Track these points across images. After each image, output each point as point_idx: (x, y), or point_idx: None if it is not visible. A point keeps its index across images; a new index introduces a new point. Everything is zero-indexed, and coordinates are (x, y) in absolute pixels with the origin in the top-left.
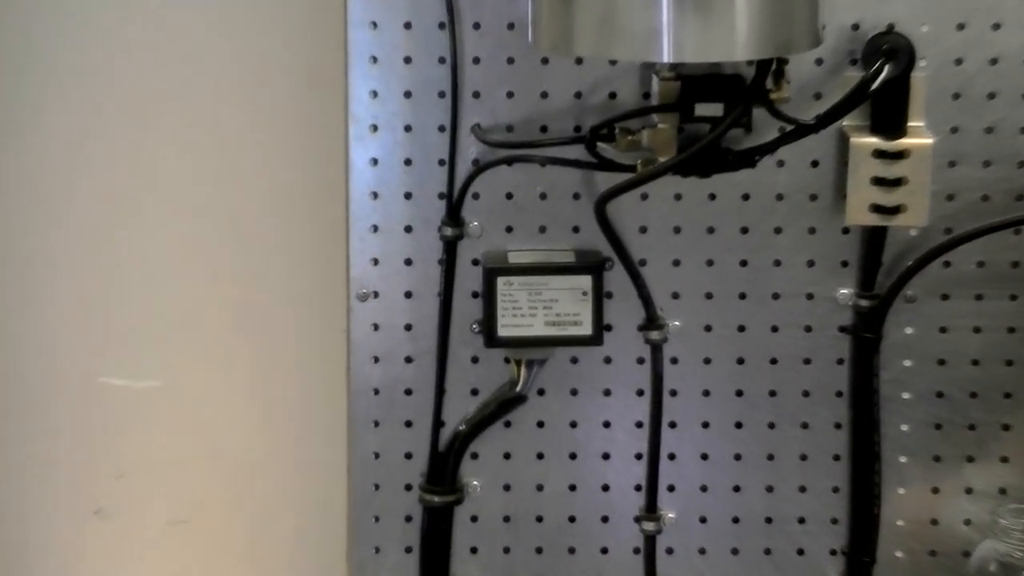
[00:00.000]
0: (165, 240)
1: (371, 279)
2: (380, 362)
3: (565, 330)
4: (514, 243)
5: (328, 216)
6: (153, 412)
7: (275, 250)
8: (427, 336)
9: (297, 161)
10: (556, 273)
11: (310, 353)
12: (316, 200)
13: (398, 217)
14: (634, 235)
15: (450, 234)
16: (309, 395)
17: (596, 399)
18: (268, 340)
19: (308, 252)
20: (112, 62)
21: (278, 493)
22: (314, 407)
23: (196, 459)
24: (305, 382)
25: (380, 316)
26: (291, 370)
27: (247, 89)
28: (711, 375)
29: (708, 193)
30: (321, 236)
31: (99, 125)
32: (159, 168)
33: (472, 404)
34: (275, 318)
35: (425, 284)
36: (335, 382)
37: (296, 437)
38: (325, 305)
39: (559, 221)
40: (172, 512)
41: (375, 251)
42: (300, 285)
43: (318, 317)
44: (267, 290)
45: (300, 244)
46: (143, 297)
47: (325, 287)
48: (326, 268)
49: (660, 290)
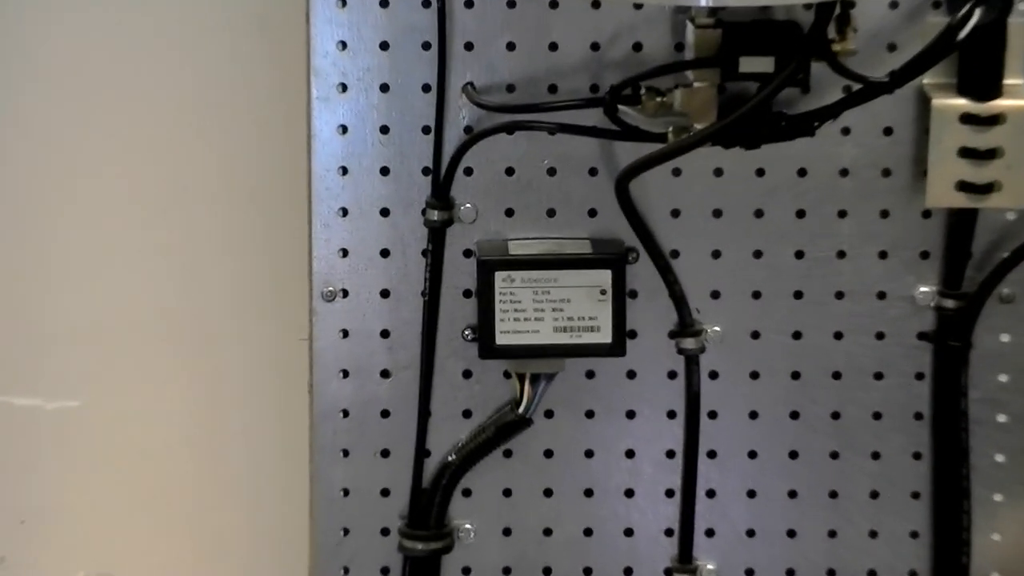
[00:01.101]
0: (82, 227)
1: (339, 274)
2: (350, 377)
3: (579, 337)
4: (516, 230)
5: (286, 197)
6: (68, 440)
7: (220, 239)
8: (408, 345)
9: (247, 129)
10: (568, 267)
11: (263, 367)
12: (271, 177)
13: (372, 198)
14: (664, 220)
15: (437, 219)
16: (262, 419)
17: (617, 422)
18: (211, 351)
19: (260, 242)
20: None
21: (224, 540)
22: (268, 433)
23: (121, 499)
24: (257, 403)
25: (350, 320)
26: (240, 388)
27: (184, 38)
28: (759, 393)
29: (756, 168)
30: (277, 222)
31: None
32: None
33: (464, 429)
34: (220, 324)
35: (406, 281)
36: (294, 402)
37: (246, 471)
38: (282, 307)
39: (571, 203)
40: (90, 565)
41: (344, 240)
42: (251, 283)
43: (273, 322)
44: (210, 289)
45: (251, 232)
46: (56, 298)
47: (282, 285)
48: (283, 261)
49: (696, 288)
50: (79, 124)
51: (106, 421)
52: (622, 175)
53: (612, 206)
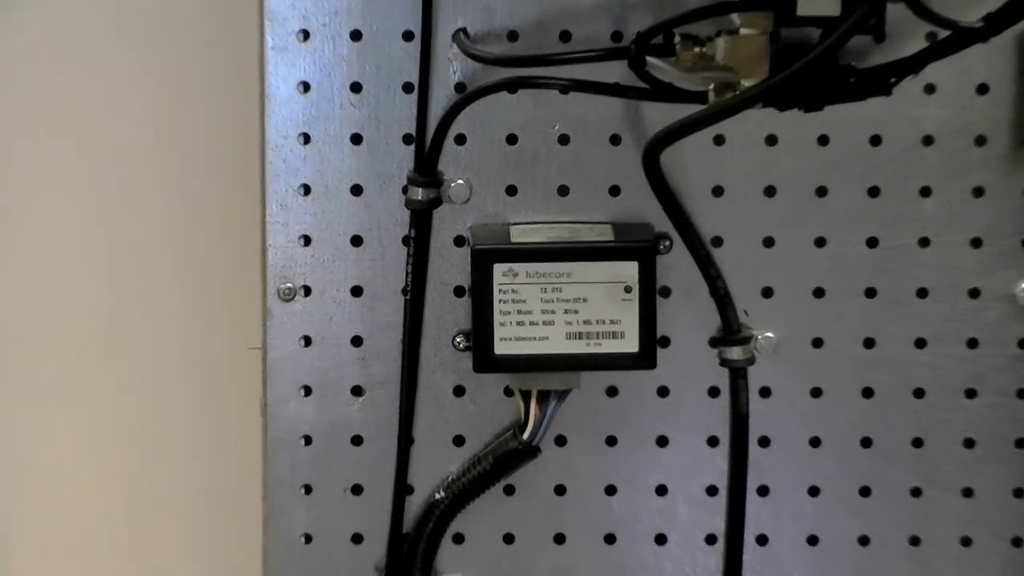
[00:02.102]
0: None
1: (299, 267)
2: (314, 395)
3: (598, 345)
4: (520, 212)
5: (234, 172)
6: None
7: (152, 223)
8: (386, 355)
9: (189, 85)
10: (584, 258)
11: (206, 382)
12: (216, 146)
13: (341, 172)
14: (705, 199)
15: (421, 198)
16: (204, 446)
17: (645, 451)
18: (142, 362)
19: (203, 227)
20: None
21: None
22: (212, 465)
23: (34, 544)
24: (198, 426)
25: (313, 324)
26: (178, 408)
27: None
28: (822, 414)
29: (817, 135)
30: (223, 202)
31: None
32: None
33: (455, 460)
34: (153, 328)
35: (383, 275)
36: (244, 426)
37: (188, 511)
38: (229, 309)
39: (589, 178)
40: None
41: (305, 224)
42: (191, 278)
43: (218, 327)
44: (141, 285)
45: (191, 215)
46: None
47: (229, 281)
48: (230, 252)
49: (744, 284)
50: None
51: (12, 452)
52: (652, 144)
53: (639, 182)
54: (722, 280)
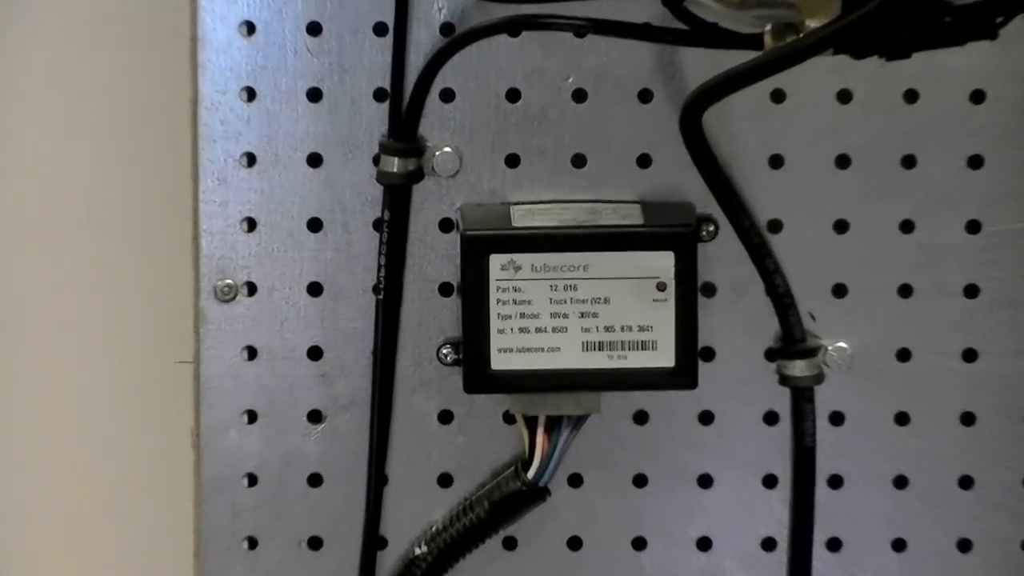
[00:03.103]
0: None
1: (241, 259)
2: (260, 422)
3: (623, 359)
4: (523, 188)
5: (158, 137)
6: None
7: (56, 202)
8: (352, 371)
9: (98, 26)
10: (606, 247)
11: (120, 404)
12: (134, 104)
13: (295, 137)
14: (760, 172)
15: (398, 170)
16: (117, 486)
17: (684, 494)
18: (43, 376)
19: (118, 208)
20: None
21: None
22: (128, 510)
23: None
24: (109, 461)
25: (259, 331)
26: (84, 436)
27: None
28: (910, 447)
29: (904, 90)
30: (144, 176)
31: None
32: None
33: (440, 505)
34: (55, 334)
35: (348, 269)
36: (170, 461)
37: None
38: (151, 311)
39: (611, 145)
40: None
41: (249, 204)
42: (101, 273)
43: (138, 334)
44: (33, 282)
45: (103, 192)
46: None
47: (151, 276)
48: (153, 239)
49: (809, 280)
50: None
51: None
52: (692, 101)
53: (676, 150)
54: (781, 275)
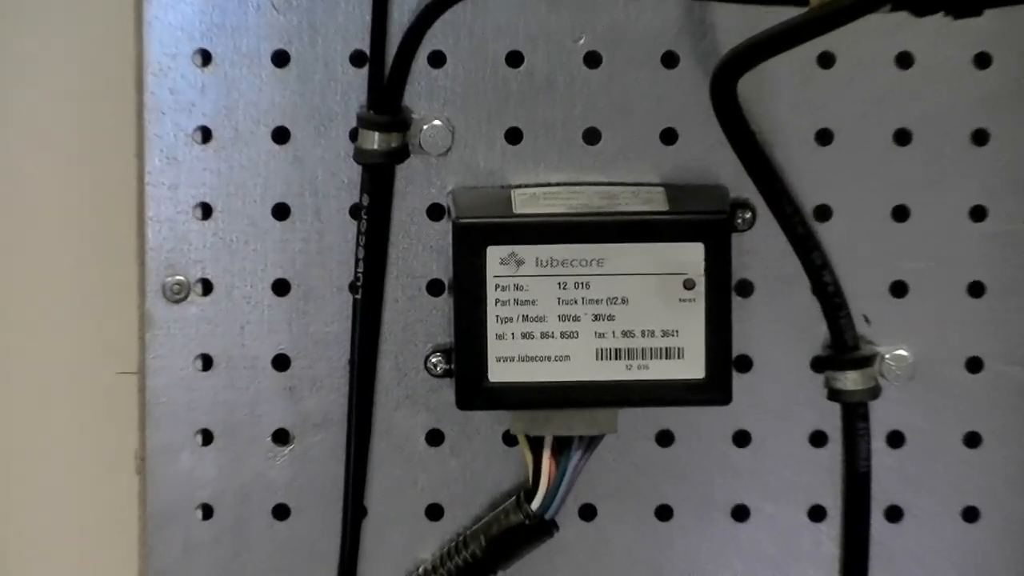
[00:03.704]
0: None
1: (194, 252)
2: (217, 444)
3: (644, 369)
4: (526, 168)
5: (96, 109)
6: None
7: None
8: (325, 383)
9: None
10: (624, 237)
11: (53, 422)
12: (71, 70)
13: (258, 108)
14: (805, 150)
15: (379, 147)
16: (52, 518)
17: (715, 527)
18: None
19: (53, 193)
20: None
21: None
22: (62, 545)
23: None
24: (39, 488)
25: (217, 338)
26: (7, 459)
27: None
28: (981, 472)
29: (973, 53)
30: (82, 154)
31: None
32: None
33: (429, 540)
34: None
35: (321, 263)
36: (110, 489)
37: None
38: (89, 313)
39: (631, 117)
40: None
41: (204, 187)
42: (32, 270)
43: (73, 340)
44: None
45: (34, 175)
46: None
47: (89, 272)
48: (91, 229)
49: (864, 276)
50: None
51: None
52: (725, 66)
53: (707, 123)
54: (831, 271)
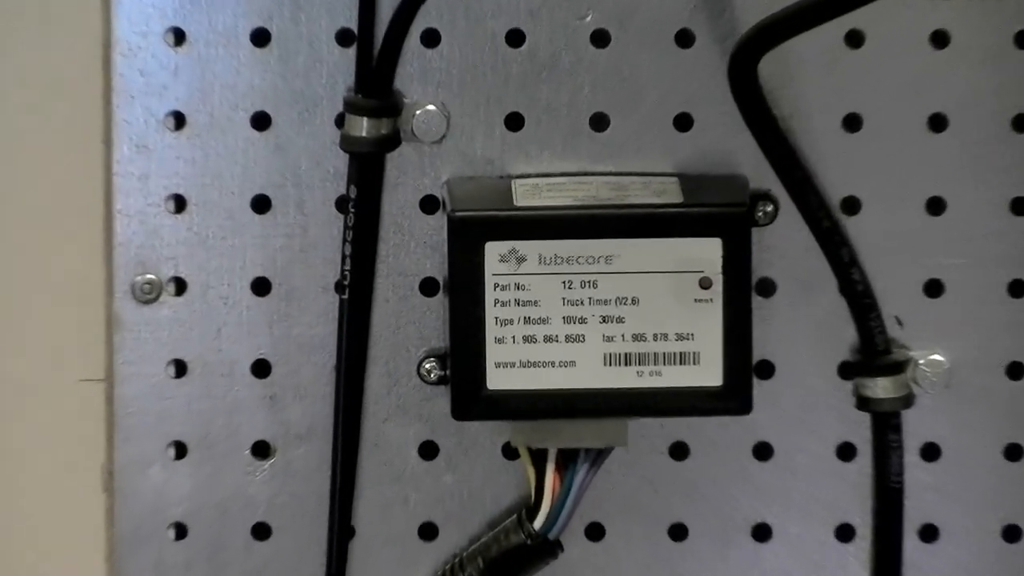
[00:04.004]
0: None
1: (167, 248)
2: (191, 457)
3: (657, 376)
4: (528, 157)
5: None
6: None
7: None
8: (309, 391)
9: None
10: (635, 232)
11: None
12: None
13: (236, 92)
14: (831, 136)
15: (367, 134)
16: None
17: (734, 549)
18: None
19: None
20: None
21: None
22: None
23: None
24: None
25: (191, 342)
26: None
27: None
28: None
29: (1015, 31)
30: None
31: None
32: None
33: (423, 562)
34: None
35: (304, 261)
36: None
37: None
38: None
39: (642, 101)
40: None
41: (178, 177)
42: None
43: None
44: None
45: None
46: None
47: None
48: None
49: (895, 274)
50: None
51: None
52: (745, 46)
53: (724, 108)
54: (859, 269)
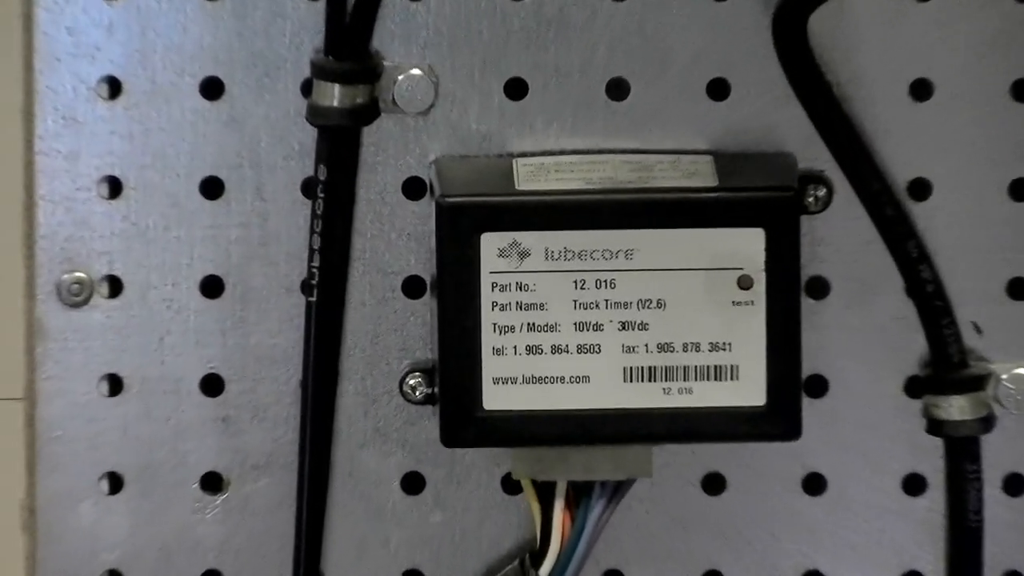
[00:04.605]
0: None
1: (97, 242)
2: (128, 491)
3: (687, 394)
4: (533, 131)
5: None
6: None
7: None
8: (270, 412)
9: None
10: (659, 221)
11: None
12: None
13: (183, 53)
14: (894, 105)
15: (339, 103)
16: None
17: None
18: None
19: None
20: None
21: None
22: None
23: None
24: None
25: (128, 353)
26: None
27: None
28: None
29: None
30: None
31: None
32: None
33: None
34: None
35: (264, 255)
36: None
37: None
38: None
39: (668, 64)
40: None
41: (112, 156)
42: None
43: None
44: None
45: None
46: None
47: None
48: None
49: (973, 272)
50: None
51: None
52: None
53: (767, 72)
54: (930, 266)
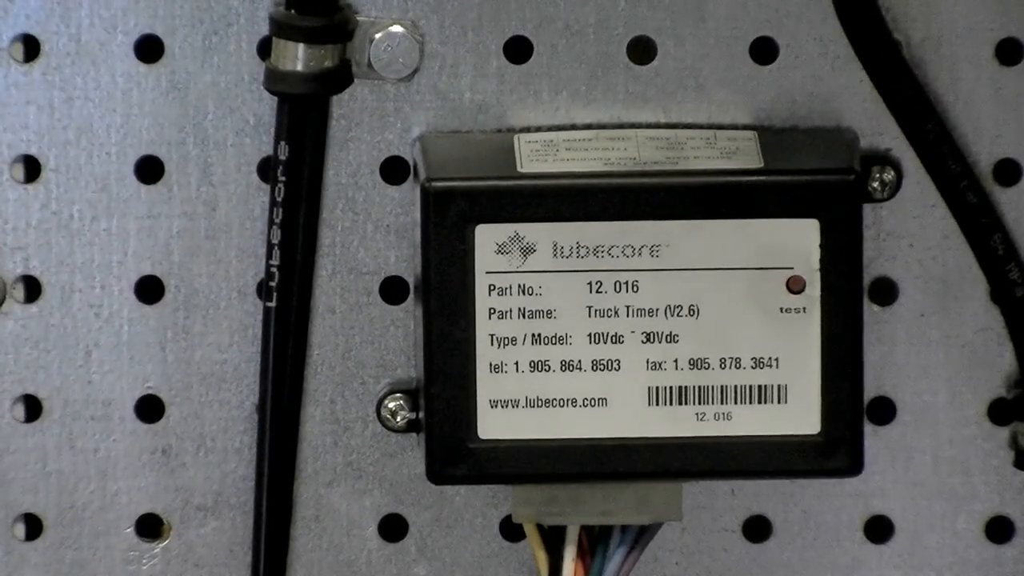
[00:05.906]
0: None
1: (10, 236)
2: (48, 536)
3: (726, 420)
4: (537, 102)
5: None
6: None
7: None
8: (219, 444)
9: None
10: (692, 211)
11: None
12: None
13: (110, 7)
14: (976, 72)
15: (304, 67)
16: None
17: None
18: None
19: None
20: None
21: None
22: None
23: None
24: None
25: (46, 369)
26: None
27: None
28: None
29: None
30: None
31: None
32: None
33: None
34: None
35: (214, 252)
36: None
37: None
38: None
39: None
40: None
41: (26, 131)
42: None
43: None
44: None
45: None
46: None
47: None
48: None
49: None
50: None
51: None
52: None
53: (821, 31)
54: (1020, 264)
